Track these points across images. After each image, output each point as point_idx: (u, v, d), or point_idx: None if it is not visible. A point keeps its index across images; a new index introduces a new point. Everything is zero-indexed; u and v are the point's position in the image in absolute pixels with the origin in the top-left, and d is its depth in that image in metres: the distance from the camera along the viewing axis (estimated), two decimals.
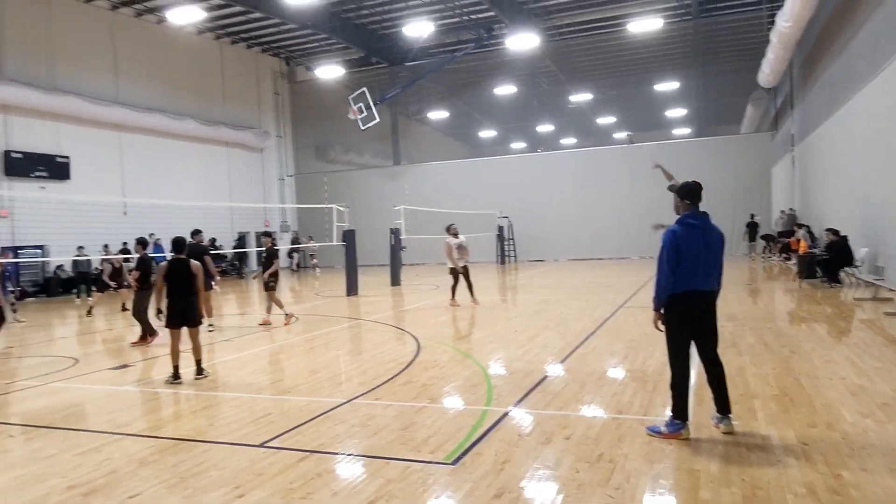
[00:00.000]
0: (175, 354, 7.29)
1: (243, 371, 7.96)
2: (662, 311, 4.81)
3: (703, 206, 4.89)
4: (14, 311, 13.78)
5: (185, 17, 21.89)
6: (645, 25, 23.94)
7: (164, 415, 6.13)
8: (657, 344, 8.18)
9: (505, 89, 31.53)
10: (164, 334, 10.06)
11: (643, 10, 24.75)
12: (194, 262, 7.49)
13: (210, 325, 10.96)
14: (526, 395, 6.06)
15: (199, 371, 7.44)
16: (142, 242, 10.45)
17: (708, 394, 4.98)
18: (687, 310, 4.74)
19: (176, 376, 7.23)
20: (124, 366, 8.53)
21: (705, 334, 4.83)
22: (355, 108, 24.74)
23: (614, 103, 35.67)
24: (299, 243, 28.19)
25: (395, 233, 19.50)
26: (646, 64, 30.92)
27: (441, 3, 24.30)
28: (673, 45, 28.76)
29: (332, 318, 12.63)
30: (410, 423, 5.35)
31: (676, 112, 33.84)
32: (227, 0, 22.08)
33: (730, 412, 4.81)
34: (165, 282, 7.36)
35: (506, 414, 5.50)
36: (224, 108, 29.02)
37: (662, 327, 4.85)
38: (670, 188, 5.09)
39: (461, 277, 13.47)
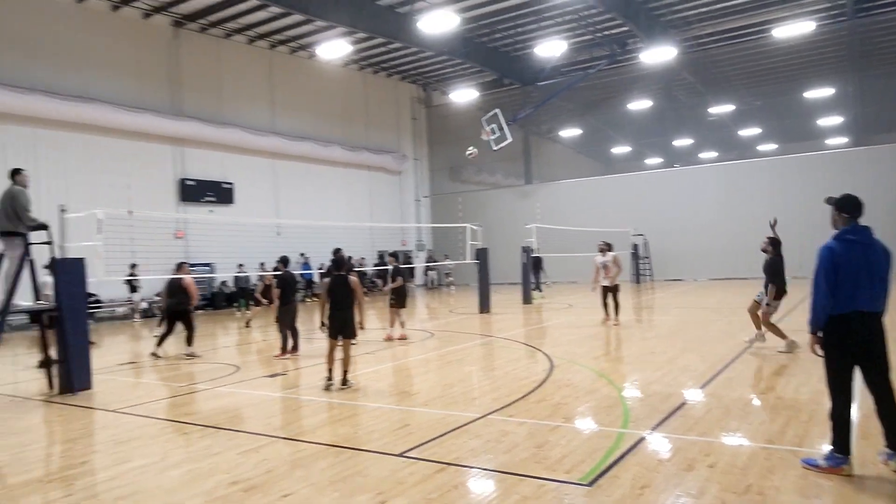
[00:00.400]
0: (330, 361, 7.91)
1: (382, 383, 8.34)
2: (820, 334, 4.42)
3: (863, 221, 4.47)
4: None
5: (334, 51, 23.61)
6: (794, 30, 22.28)
7: (313, 421, 6.57)
8: (812, 370, 7.52)
9: (639, 104, 30.62)
10: (302, 350, 10.79)
11: (792, 13, 23.05)
12: (353, 279, 8.00)
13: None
14: (665, 419, 5.82)
15: (344, 381, 7.89)
16: (283, 261, 11.27)
17: (873, 427, 4.51)
18: (848, 333, 4.33)
19: (330, 378, 7.85)
20: (277, 374, 9.25)
21: (872, 360, 4.35)
22: (488, 128, 25.13)
23: (759, 113, 33.36)
24: (434, 262, 29.05)
25: (527, 251, 19.51)
26: (794, 70, 28.71)
27: (573, 22, 24.20)
28: (825, 49, 26.48)
29: (466, 335, 12.85)
30: (544, 441, 5.33)
31: (830, 120, 30.97)
32: (371, 33, 23.45)
33: None
34: (328, 297, 7.92)
35: (643, 437, 5.32)
36: (366, 133, 30.77)
37: (821, 352, 4.46)
38: (827, 200, 4.69)
39: (609, 295, 13.15)
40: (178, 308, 11.29)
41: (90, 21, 20.53)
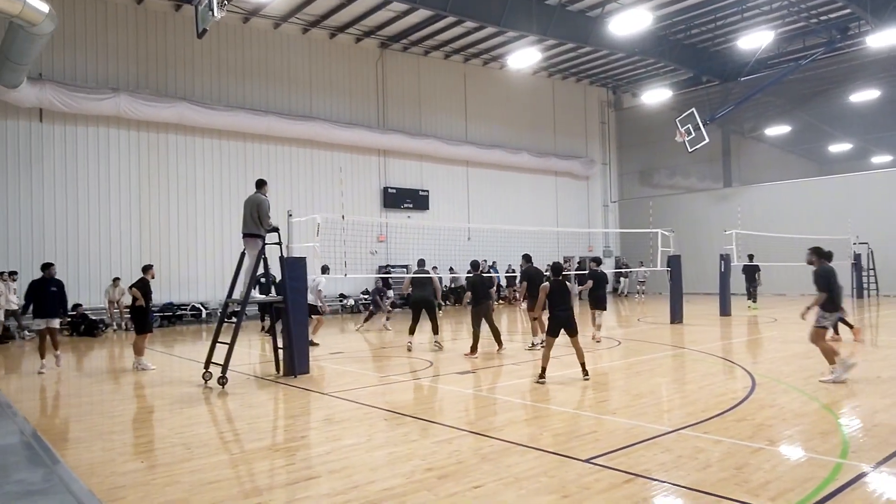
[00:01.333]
0: (546, 359, 8.45)
1: (569, 388, 8.32)
2: None
3: None
4: (388, 318, 16.94)
5: (524, 60, 24.03)
6: None
7: (501, 419, 6.77)
8: None
9: (863, 95, 26.82)
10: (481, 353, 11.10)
11: None
12: (569, 283, 8.39)
13: (534, 343, 11.74)
14: (895, 454, 5.12)
15: (585, 373, 8.51)
16: (474, 265, 11.78)
17: None
18: None
19: (542, 376, 8.36)
20: (467, 372, 9.67)
21: None
22: (682, 129, 23.81)
23: None
24: (626, 268, 28.22)
25: (725, 259, 18.15)
26: None
27: (783, 9, 22.03)
28: None
29: (655, 345, 12.31)
30: (745, 463, 4.98)
31: None
32: (561, 39, 23.46)
33: None
34: (547, 299, 8.55)
35: (867, 472, 4.73)
36: (554, 139, 30.83)
37: None
38: None
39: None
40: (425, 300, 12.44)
41: (313, 49, 23.29)
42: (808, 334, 8.58)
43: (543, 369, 8.44)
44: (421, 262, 13.23)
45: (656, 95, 27.93)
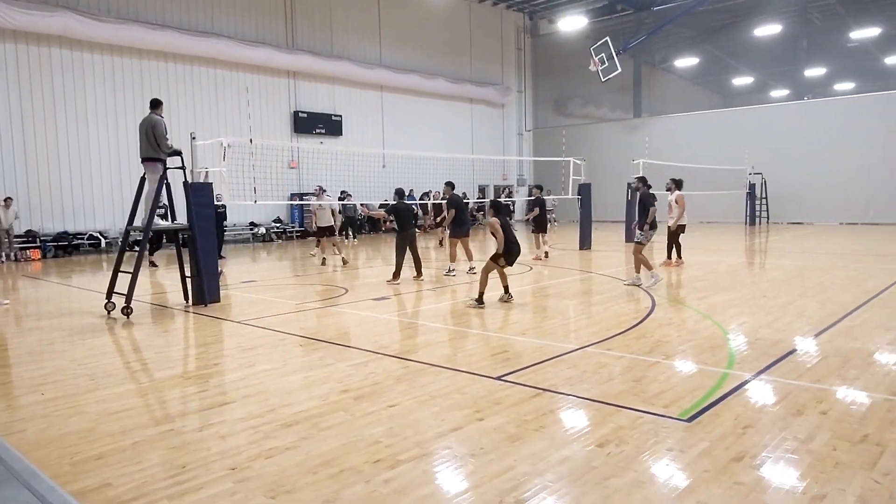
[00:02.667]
0: (485, 284, 8.90)
1: (482, 312, 8.55)
2: None
3: None
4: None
5: None
6: None
7: (416, 342, 6.89)
8: None
9: (767, 29, 27.90)
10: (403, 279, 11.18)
11: None
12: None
13: (451, 270, 11.93)
14: (774, 364, 5.63)
15: (508, 293, 9.10)
16: (398, 193, 11.68)
17: None
18: None
19: (481, 301, 8.78)
20: (384, 298, 9.72)
21: None
22: (596, 59, 24.01)
23: None
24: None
25: (631, 187, 18.86)
26: None
27: None
28: None
29: (565, 270, 12.81)
30: (642, 376, 5.34)
31: None
32: None
33: None
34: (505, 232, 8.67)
35: (749, 380, 5.19)
36: (470, 65, 30.37)
37: None
38: None
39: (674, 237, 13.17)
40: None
41: None
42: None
43: (482, 294, 8.77)
44: (400, 193, 12.20)
45: (572, 23, 27.91)
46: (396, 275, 11.17)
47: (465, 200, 13.28)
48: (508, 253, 8.74)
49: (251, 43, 21.89)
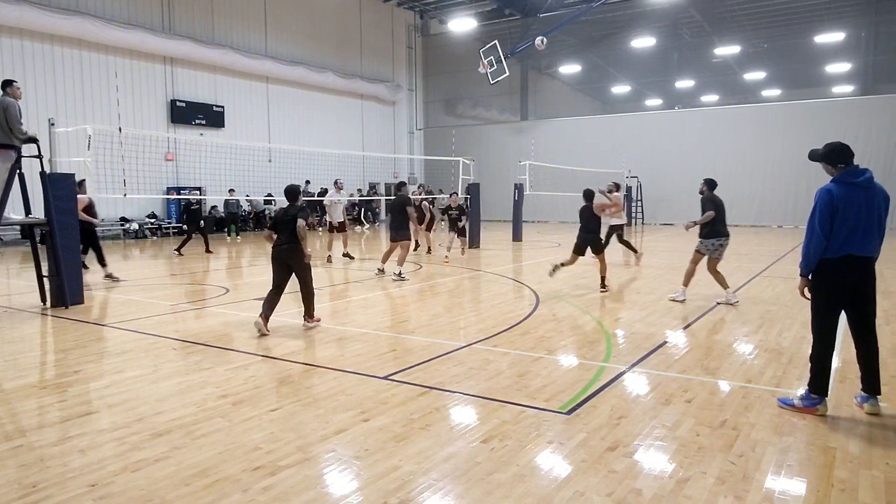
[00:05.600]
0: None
1: (370, 310, 8.46)
2: (810, 277, 4.43)
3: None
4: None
5: None
6: None
7: (300, 343, 6.67)
8: (797, 316, 7.71)
9: (642, 41, 29.84)
10: None
11: None
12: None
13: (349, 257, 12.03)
14: (646, 356, 5.98)
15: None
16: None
17: (850, 371, 4.67)
18: (839, 277, 4.31)
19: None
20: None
21: (860, 305, 4.37)
22: (486, 61, 24.51)
23: (765, 57, 32.68)
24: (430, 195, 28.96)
25: (518, 188, 19.46)
26: (805, 12, 28.00)
27: None
28: None
29: (454, 269, 12.97)
30: (526, 371, 5.48)
31: (839, 67, 30.43)
32: None
33: (879, 393, 4.42)
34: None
35: (623, 372, 5.48)
36: (361, 61, 30.02)
37: (808, 295, 4.48)
38: (811, 155, 4.63)
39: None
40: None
41: None
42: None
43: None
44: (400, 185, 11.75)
45: (462, 24, 28.35)
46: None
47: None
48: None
49: (122, 24, 20.29)
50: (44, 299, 8.58)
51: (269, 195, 21.35)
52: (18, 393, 4.94)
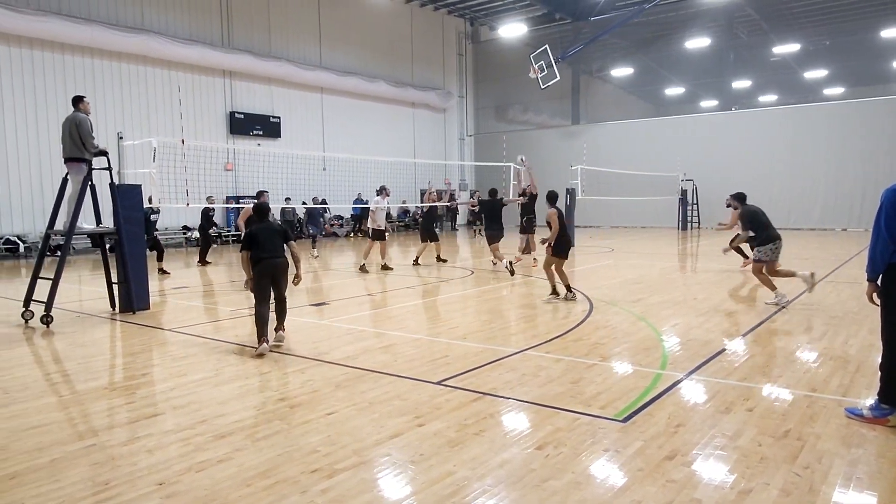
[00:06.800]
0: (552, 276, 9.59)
1: (423, 316, 8.53)
2: (879, 281, 4.20)
3: None
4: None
5: None
6: None
7: (355, 348, 6.78)
8: (864, 322, 7.39)
9: (696, 42, 29.18)
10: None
11: None
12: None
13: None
14: (704, 363, 5.83)
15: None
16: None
17: None
18: None
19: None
20: (322, 304, 9.55)
21: None
22: (536, 66, 24.41)
23: (827, 54, 31.40)
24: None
25: (570, 193, 19.26)
26: (870, 7, 26.77)
27: None
28: None
29: (506, 274, 12.92)
30: (580, 378, 5.42)
31: None
32: None
33: None
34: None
35: (681, 380, 5.36)
36: (412, 70, 30.38)
37: (878, 300, 4.26)
38: None
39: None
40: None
41: None
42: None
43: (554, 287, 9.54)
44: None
45: (512, 30, 28.33)
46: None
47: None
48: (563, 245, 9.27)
49: (184, 41, 21.20)
50: (113, 305, 9.00)
51: (324, 201, 21.77)
52: (91, 395, 5.20)
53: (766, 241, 8.87)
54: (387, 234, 14.14)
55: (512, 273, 12.11)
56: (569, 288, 9.40)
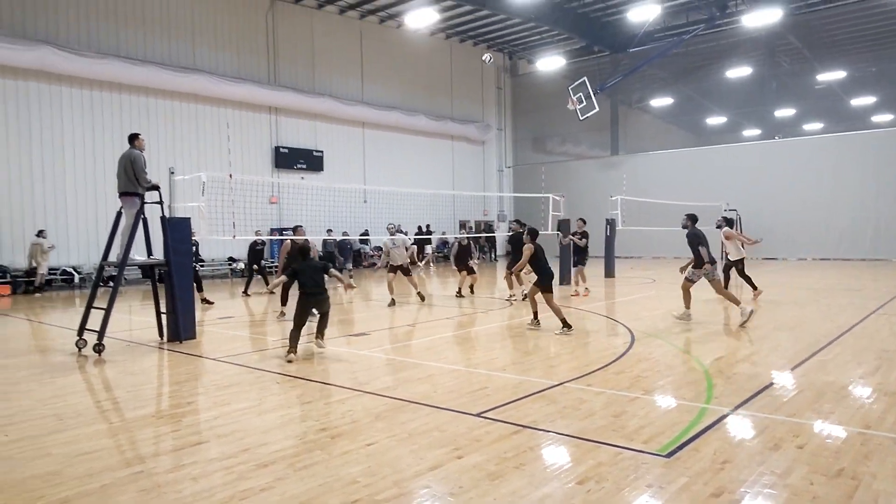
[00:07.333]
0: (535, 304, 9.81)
1: (460, 347, 8.53)
2: None
3: None
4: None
5: (421, 20, 23.80)
6: None
7: (396, 378, 6.82)
8: None
9: (738, 71, 28.88)
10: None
11: None
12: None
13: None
14: (751, 398, 5.66)
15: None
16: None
17: None
18: None
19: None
20: (361, 334, 9.64)
21: None
22: (574, 98, 24.52)
23: (874, 81, 30.64)
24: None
25: (610, 223, 19.12)
26: None
27: None
28: None
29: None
30: (622, 411, 5.33)
31: None
32: (458, 0, 23.33)
33: None
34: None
35: (727, 414, 5.21)
36: (451, 103, 30.88)
37: None
38: None
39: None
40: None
41: None
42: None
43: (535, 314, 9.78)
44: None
45: (550, 63, 28.58)
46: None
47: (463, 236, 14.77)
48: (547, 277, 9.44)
49: (233, 79, 22.08)
50: (161, 334, 9.26)
51: (366, 232, 22.12)
52: (139, 422, 5.35)
53: (701, 265, 9.96)
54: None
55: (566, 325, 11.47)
56: (565, 322, 9.28)
